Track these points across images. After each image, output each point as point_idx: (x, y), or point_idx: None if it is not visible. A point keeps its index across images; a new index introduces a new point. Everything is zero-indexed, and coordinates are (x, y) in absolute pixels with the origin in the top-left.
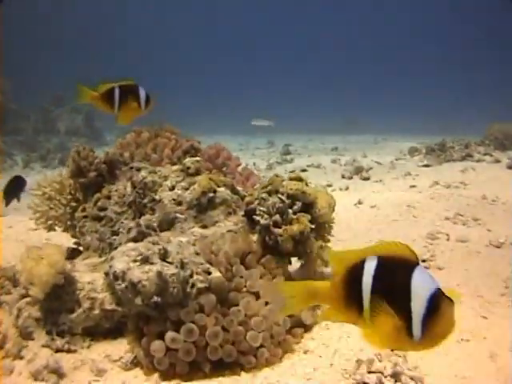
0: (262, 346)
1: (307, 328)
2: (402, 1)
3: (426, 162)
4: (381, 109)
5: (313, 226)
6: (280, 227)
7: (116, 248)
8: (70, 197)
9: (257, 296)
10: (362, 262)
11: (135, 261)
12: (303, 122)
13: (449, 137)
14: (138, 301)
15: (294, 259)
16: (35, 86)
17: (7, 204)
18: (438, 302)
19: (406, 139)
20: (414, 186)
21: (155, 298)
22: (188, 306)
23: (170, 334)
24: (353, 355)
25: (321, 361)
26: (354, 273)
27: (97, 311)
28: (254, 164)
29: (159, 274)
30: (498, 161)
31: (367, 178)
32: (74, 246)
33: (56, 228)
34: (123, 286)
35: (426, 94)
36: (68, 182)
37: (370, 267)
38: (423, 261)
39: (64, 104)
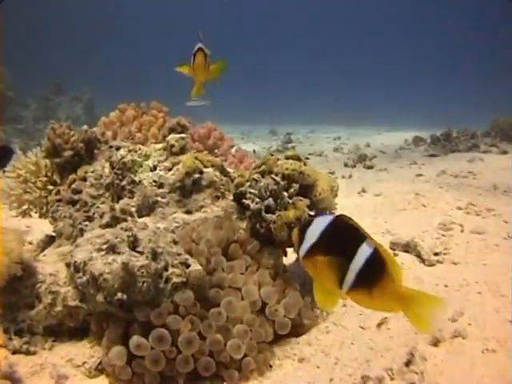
0: (246, 355)
1: (304, 330)
2: None
3: (431, 152)
4: (383, 101)
5: (312, 213)
6: (273, 213)
7: None
8: (45, 179)
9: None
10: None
11: (99, 250)
12: (305, 113)
13: (452, 128)
14: (100, 297)
15: (290, 250)
16: (35, 75)
17: None
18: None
19: (410, 131)
20: (420, 175)
21: (119, 295)
22: (161, 305)
23: (135, 339)
24: (357, 368)
25: (319, 373)
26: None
27: (59, 308)
28: (254, 151)
29: (125, 265)
30: (505, 152)
31: (371, 167)
32: (53, 234)
33: (32, 214)
34: (84, 279)
35: (427, 86)
36: (44, 162)
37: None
38: (436, 254)
39: (64, 92)
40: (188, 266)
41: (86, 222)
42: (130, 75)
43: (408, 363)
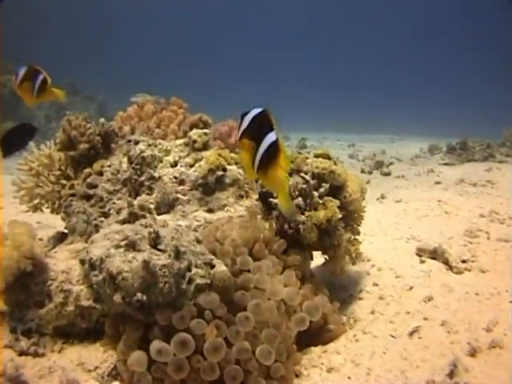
0: (276, 360)
1: (331, 337)
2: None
3: (447, 161)
4: (395, 109)
5: (340, 215)
6: (303, 213)
7: None
8: (58, 173)
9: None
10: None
11: (118, 246)
12: (317, 120)
13: (464, 138)
14: (118, 298)
15: (316, 253)
16: (48, 74)
17: (6, 154)
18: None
19: (423, 139)
20: (439, 183)
21: (139, 296)
22: (183, 307)
23: (156, 344)
24: (393, 380)
25: None
26: None
27: (71, 307)
28: None
29: (146, 264)
30: None
31: (388, 174)
32: (65, 231)
33: (43, 209)
34: (100, 277)
35: (440, 95)
36: (58, 156)
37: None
38: (463, 261)
39: (77, 92)
40: (213, 266)
41: (102, 218)
42: (143, 77)
43: (451, 375)
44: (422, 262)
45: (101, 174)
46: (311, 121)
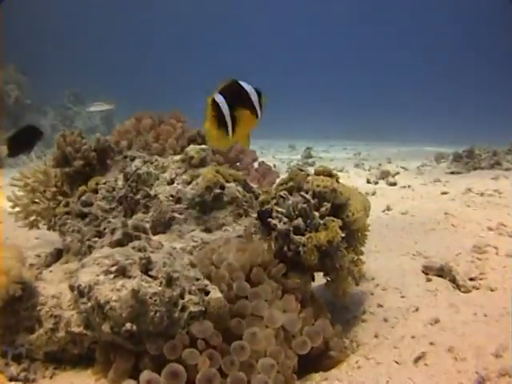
0: None
1: (332, 363)
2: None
3: (453, 169)
4: (401, 117)
5: (343, 234)
6: (303, 234)
7: None
8: (54, 189)
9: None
10: None
11: (107, 272)
12: (323, 128)
13: (469, 145)
14: (106, 328)
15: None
16: (54, 83)
17: (12, 155)
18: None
19: (429, 147)
20: (445, 193)
21: (128, 326)
22: (175, 336)
23: (145, 375)
24: None
25: None
26: None
27: (61, 333)
28: (275, 166)
29: (135, 292)
30: None
31: (394, 184)
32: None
33: (40, 226)
34: (89, 305)
35: (444, 103)
36: (54, 172)
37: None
38: (471, 279)
39: (83, 102)
40: (207, 292)
41: (96, 238)
42: (152, 90)
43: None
44: (429, 280)
45: (96, 191)
46: (317, 129)
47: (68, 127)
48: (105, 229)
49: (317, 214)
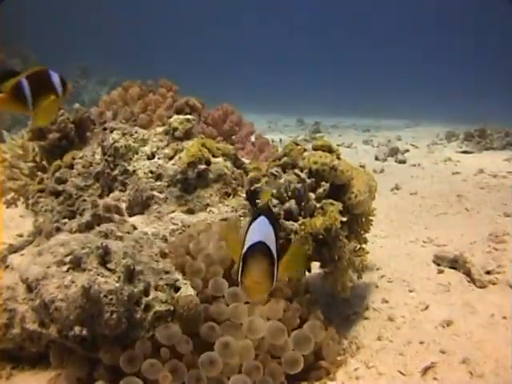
0: None
1: (324, 374)
2: None
3: (464, 148)
4: (411, 94)
5: (344, 219)
6: (296, 219)
7: None
8: (32, 164)
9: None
10: None
11: (60, 263)
12: (333, 104)
13: (478, 125)
14: (53, 331)
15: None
16: (60, 57)
17: None
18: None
19: (440, 126)
20: (457, 173)
21: (76, 330)
22: (137, 341)
23: None
24: None
25: None
26: None
27: (16, 330)
28: (281, 140)
29: (85, 291)
30: None
31: (403, 161)
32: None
33: (18, 204)
34: (37, 303)
35: (454, 81)
36: (32, 146)
37: None
38: (487, 272)
39: (89, 76)
40: (177, 289)
41: (65, 220)
42: (156, 60)
43: None
44: (440, 272)
45: (72, 166)
46: (327, 105)
47: (75, 101)
48: (79, 208)
49: (313, 195)
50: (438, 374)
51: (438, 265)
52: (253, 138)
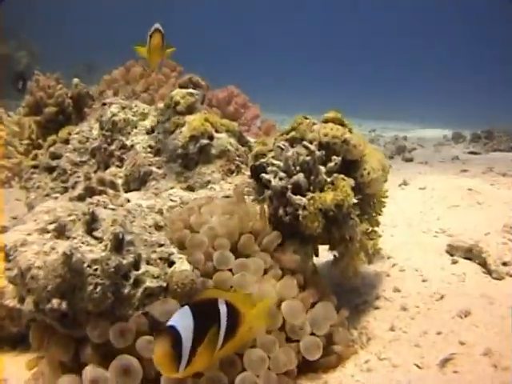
0: None
1: (335, 361)
2: None
3: (472, 149)
4: (417, 97)
5: (355, 201)
6: (304, 194)
7: None
8: (27, 142)
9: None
10: None
11: (43, 231)
12: (340, 106)
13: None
14: (29, 304)
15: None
16: (67, 53)
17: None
18: None
19: (446, 128)
20: (465, 171)
21: (54, 303)
22: (124, 318)
23: (89, 372)
24: None
25: None
26: None
27: None
28: None
29: (66, 257)
30: None
31: (410, 159)
32: None
33: (13, 184)
34: (14, 272)
35: (461, 83)
36: (28, 122)
37: None
38: (504, 264)
39: (95, 70)
40: (172, 263)
41: (57, 195)
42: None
43: None
44: (454, 262)
45: (67, 142)
46: (333, 106)
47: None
48: (74, 184)
49: (323, 169)
50: (459, 366)
51: (452, 255)
52: (258, 122)
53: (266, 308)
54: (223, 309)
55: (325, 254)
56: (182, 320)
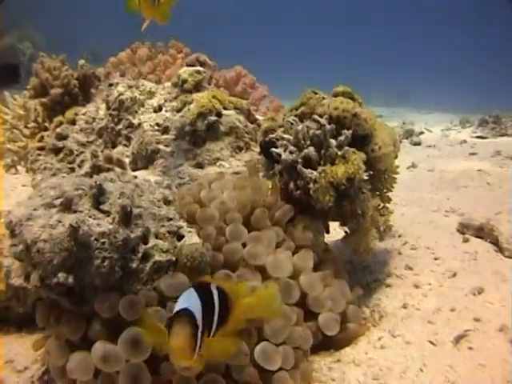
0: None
1: (347, 338)
2: None
3: (479, 134)
4: (423, 83)
5: (365, 177)
6: (315, 168)
7: None
8: (33, 125)
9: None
10: None
11: (49, 205)
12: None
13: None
14: (35, 279)
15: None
16: (73, 42)
17: None
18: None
19: (452, 114)
20: (474, 154)
21: (61, 277)
22: (134, 293)
23: (99, 348)
24: None
25: None
26: None
27: (0, 287)
28: None
29: (73, 230)
30: None
31: (418, 143)
32: None
33: (19, 169)
34: (19, 248)
35: (465, 69)
36: (34, 105)
37: None
38: None
39: (100, 60)
40: (181, 237)
41: (64, 175)
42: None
43: None
44: (466, 240)
45: (74, 122)
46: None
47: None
48: (80, 164)
49: (334, 142)
50: (473, 342)
51: (463, 233)
52: (266, 103)
53: (274, 292)
54: (215, 293)
55: (334, 234)
56: (194, 303)
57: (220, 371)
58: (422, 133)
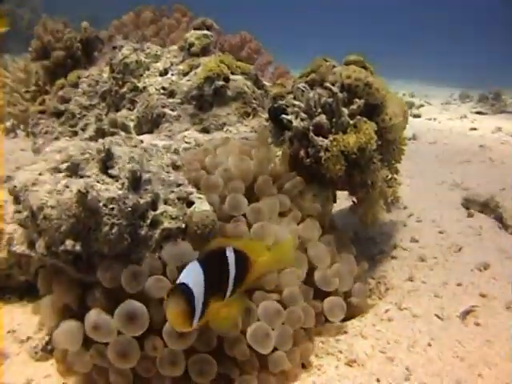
0: (276, 348)
1: (352, 313)
2: None
3: (479, 109)
4: (421, 55)
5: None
6: (326, 136)
7: None
8: (34, 88)
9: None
10: None
11: (55, 170)
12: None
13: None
14: (41, 246)
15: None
16: (72, 7)
17: None
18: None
19: (451, 88)
20: (474, 129)
21: (68, 244)
22: (140, 261)
23: (92, 316)
24: None
25: None
26: None
27: (3, 254)
28: None
29: (81, 196)
30: None
31: (418, 116)
32: None
33: (18, 133)
34: (24, 214)
35: (464, 45)
36: (35, 69)
37: None
38: None
39: (100, 24)
40: (191, 204)
41: (67, 138)
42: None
43: None
44: (470, 215)
45: (77, 85)
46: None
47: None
48: (84, 128)
49: (345, 110)
50: (480, 318)
51: (468, 208)
52: (271, 69)
53: (288, 246)
54: (231, 256)
55: (338, 202)
56: (193, 276)
57: (211, 345)
58: (421, 105)
